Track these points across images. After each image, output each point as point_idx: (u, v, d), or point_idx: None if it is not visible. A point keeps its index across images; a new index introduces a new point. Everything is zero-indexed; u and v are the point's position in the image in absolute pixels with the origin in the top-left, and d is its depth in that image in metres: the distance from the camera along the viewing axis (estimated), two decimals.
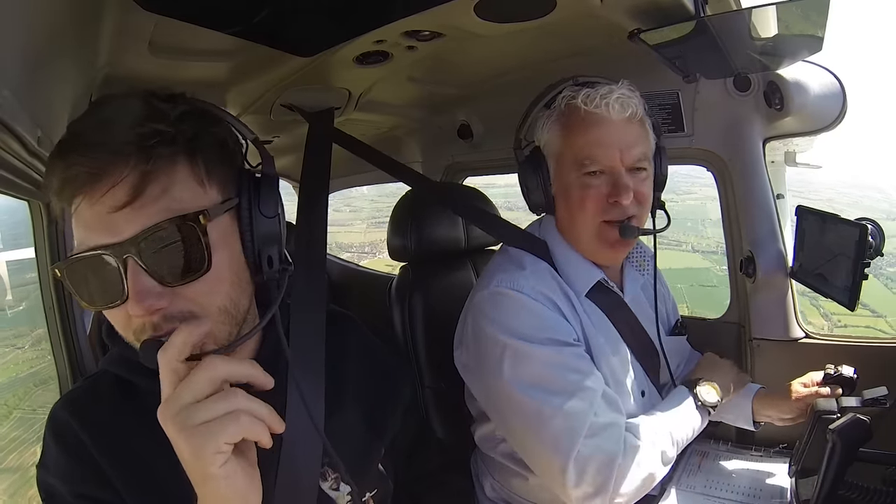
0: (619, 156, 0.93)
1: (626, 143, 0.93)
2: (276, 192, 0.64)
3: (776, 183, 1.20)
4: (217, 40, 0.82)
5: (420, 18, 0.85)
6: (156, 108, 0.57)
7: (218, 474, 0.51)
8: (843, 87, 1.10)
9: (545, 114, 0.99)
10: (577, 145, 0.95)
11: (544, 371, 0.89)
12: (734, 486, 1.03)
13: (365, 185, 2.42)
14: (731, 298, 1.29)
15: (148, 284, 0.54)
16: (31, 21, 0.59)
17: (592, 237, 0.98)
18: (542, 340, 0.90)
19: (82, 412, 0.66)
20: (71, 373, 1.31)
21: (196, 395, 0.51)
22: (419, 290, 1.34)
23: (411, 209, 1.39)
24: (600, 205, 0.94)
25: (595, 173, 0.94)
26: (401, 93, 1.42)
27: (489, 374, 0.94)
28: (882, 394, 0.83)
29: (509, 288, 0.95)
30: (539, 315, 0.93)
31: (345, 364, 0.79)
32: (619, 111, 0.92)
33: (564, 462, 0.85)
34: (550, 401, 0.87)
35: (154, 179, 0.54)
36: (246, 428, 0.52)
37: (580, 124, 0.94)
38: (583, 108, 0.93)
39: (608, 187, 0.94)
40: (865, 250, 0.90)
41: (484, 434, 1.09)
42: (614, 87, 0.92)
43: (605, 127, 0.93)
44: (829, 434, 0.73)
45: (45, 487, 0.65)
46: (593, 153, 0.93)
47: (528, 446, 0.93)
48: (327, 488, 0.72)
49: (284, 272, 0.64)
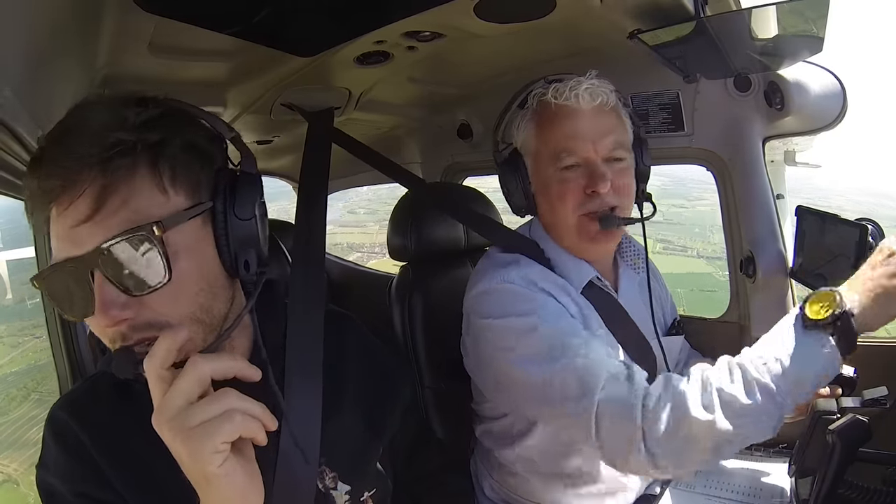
0: (593, 146, 0.93)
1: (599, 133, 0.93)
2: (255, 192, 0.62)
3: (776, 183, 1.20)
4: (217, 40, 0.82)
5: (420, 19, 0.85)
6: (121, 115, 0.56)
7: (218, 474, 0.51)
8: (843, 87, 1.10)
9: (519, 114, 1.00)
10: (552, 140, 0.95)
11: (545, 342, 0.86)
12: (734, 486, 1.03)
13: (366, 185, 2.42)
14: (731, 298, 1.29)
15: (112, 295, 0.54)
16: (32, 21, 0.59)
17: (574, 232, 0.97)
18: (539, 315, 0.89)
19: (81, 413, 0.66)
20: (71, 373, 1.31)
21: (187, 397, 0.51)
22: (419, 290, 1.34)
23: (411, 209, 1.39)
24: (579, 197, 0.94)
25: (571, 167, 0.94)
26: (401, 93, 1.42)
27: (496, 365, 0.93)
28: (882, 394, 0.83)
29: (500, 282, 0.94)
30: (532, 299, 0.92)
31: (343, 363, 0.79)
32: (589, 100, 0.93)
33: (588, 419, 0.80)
34: (558, 365, 0.84)
35: (114, 192, 0.54)
36: (241, 426, 0.52)
37: (552, 119, 0.95)
38: (553, 102, 0.94)
39: (585, 179, 0.93)
40: (865, 251, 0.90)
41: (500, 430, 1.07)
42: (583, 79, 0.93)
43: (576, 118, 0.94)
44: (829, 435, 0.72)
45: (44, 487, 0.65)
46: (568, 145, 0.94)
47: (557, 419, 0.88)
48: (325, 487, 0.72)
49: (262, 275, 0.63)
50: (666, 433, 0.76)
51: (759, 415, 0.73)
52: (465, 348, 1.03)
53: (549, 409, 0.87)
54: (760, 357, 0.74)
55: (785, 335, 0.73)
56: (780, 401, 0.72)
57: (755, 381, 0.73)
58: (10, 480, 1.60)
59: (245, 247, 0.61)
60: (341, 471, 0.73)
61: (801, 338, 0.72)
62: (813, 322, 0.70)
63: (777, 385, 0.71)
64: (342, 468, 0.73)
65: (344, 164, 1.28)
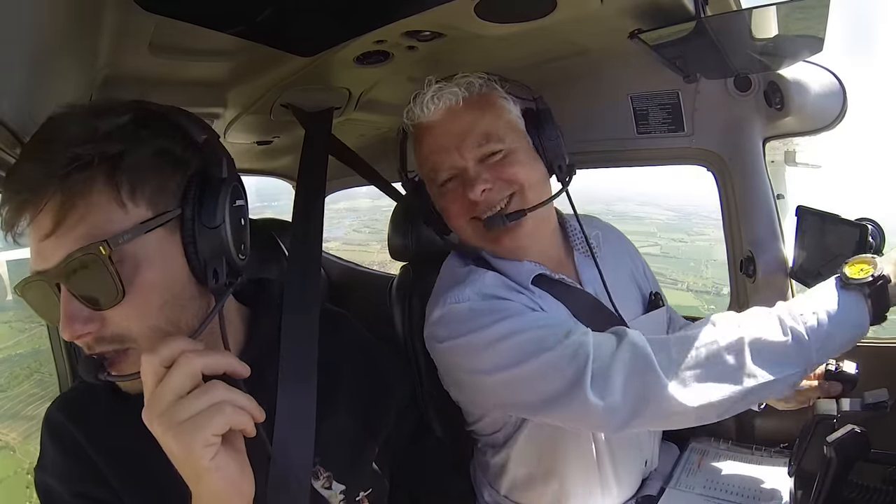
0: (458, 152, 0.90)
1: (458, 136, 0.90)
2: (225, 197, 0.60)
3: (776, 183, 1.20)
4: (217, 40, 0.82)
5: (420, 19, 0.85)
6: (90, 126, 0.56)
7: (210, 467, 0.52)
8: (843, 87, 1.10)
9: (407, 144, 1.00)
10: (422, 162, 0.95)
11: (524, 340, 0.83)
12: (734, 486, 1.03)
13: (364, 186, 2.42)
14: (731, 299, 1.29)
15: (76, 310, 0.55)
16: (31, 21, 0.59)
17: (475, 239, 0.95)
18: (508, 320, 0.85)
19: (79, 413, 0.66)
20: (70, 373, 1.31)
21: (177, 391, 0.51)
22: (420, 290, 1.33)
23: (412, 209, 1.39)
24: (463, 206, 0.92)
25: (448, 181, 0.92)
26: (401, 93, 1.41)
27: (476, 382, 0.90)
28: (883, 398, 0.83)
29: (453, 303, 0.91)
30: (493, 310, 0.87)
31: (338, 362, 0.79)
32: (436, 108, 0.90)
33: (584, 395, 0.78)
34: (542, 355, 0.81)
35: (72, 207, 0.55)
36: (231, 418, 0.52)
37: (417, 140, 0.95)
38: (411, 126, 0.94)
39: (463, 187, 0.91)
40: (865, 251, 0.90)
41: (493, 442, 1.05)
42: (428, 89, 0.91)
43: (431, 132, 0.92)
44: (827, 448, 0.72)
45: (43, 488, 0.65)
46: (433, 161, 0.92)
47: (550, 408, 0.84)
48: (319, 487, 0.72)
49: (230, 286, 0.61)
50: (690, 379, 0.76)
51: (786, 365, 0.75)
52: (442, 380, 1.00)
53: (550, 400, 0.83)
54: (798, 308, 0.77)
55: (823, 292, 0.77)
56: (809, 353, 0.74)
57: (790, 328, 0.75)
58: (8, 447, 1.92)
59: (214, 255, 0.60)
60: (336, 470, 0.73)
61: (839, 295, 0.75)
62: (852, 281, 0.75)
63: (809, 336, 0.74)
64: (337, 468, 0.73)
65: (344, 164, 1.28)
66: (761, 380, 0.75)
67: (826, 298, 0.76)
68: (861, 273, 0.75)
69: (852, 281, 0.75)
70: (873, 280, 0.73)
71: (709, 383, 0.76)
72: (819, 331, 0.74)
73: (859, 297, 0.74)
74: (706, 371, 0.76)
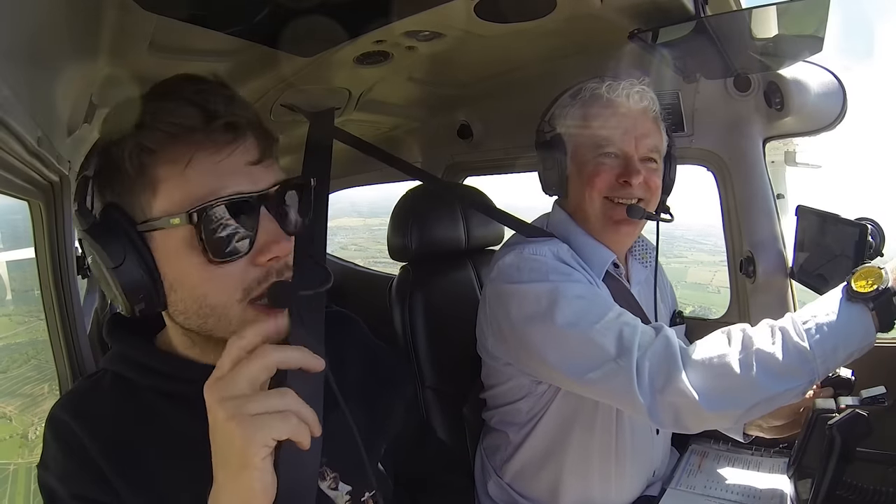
0: (634, 143, 0.99)
1: (642, 133, 1.00)
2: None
3: (776, 183, 1.20)
4: (217, 40, 0.82)
5: (420, 18, 0.85)
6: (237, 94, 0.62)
7: (259, 466, 0.52)
8: (843, 87, 1.10)
9: (570, 103, 1.04)
10: (597, 129, 1.01)
11: (581, 305, 0.90)
12: (733, 486, 1.03)
13: (365, 185, 2.42)
14: (731, 299, 1.29)
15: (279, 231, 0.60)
16: (32, 21, 0.59)
17: (600, 213, 1.02)
18: (573, 282, 0.94)
19: (82, 413, 0.66)
20: (71, 373, 1.31)
21: (252, 384, 0.52)
22: (419, 290, 1.34)
23: (412, 208, 1.39)
24: (609, 182, 1.00)
25: (610, 154, 1.00)
26: (401, 93, 1.42)
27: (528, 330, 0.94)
28: (881, 392, 0.83)
29: (531, 253, 0.98)
30: (563, 271, 0.96)
31: (345, 364, 0.79)
32: (638, 101, 1.00)
33: (629, 372, 0.83)
34: (598, 325, 0.88)
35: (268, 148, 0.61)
36: (294, 429, 0.53)
37: (602, 110, 1.01)
38: (605, 96, 1.00)
39: (620, 168, 0.99)
40: (865, 250, 0.90)
41: (513, 415, 1.08)
42: (635, 82, 1.00)
43: (624, 114, 1.00)
44: (829, 430, 0.72)
45: (45, 488, 0.65)
46: (611, 136, 0.99)
47: (592, 378, 0.88)
48: (326, 487, 0.72)
49: None
50: (706, 384, 0.80)
51: (792, 377, 0.77)
52: (483, 326, 1.05)
53: (586, 368, 0.88)
54: (804, 322, 0.78)
55: (829, 304, 0.78)
56: (813, 366, 0.76)
57: (795, 344, 0.77)
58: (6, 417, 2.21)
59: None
60: (342, 471, 0.73)
61: (844, 308, 0.76)
62: (857, 294, 0.75)
63: (814, 350, 0.76)
64: (343, 468, 0.73)
65: (344, 164, 1.28)
66: (768, 393, 0.78)
67: (831, 311, 0.77)
68: (867, 287, 0.75)
69: (857, 295, 0.75)
70: (878, 293, 0.74)
71: (721, 394, 0.80)
72: (824, 345, 0.76)
73: (864, 309, 0.75)
74: (719, 382, 0.80)
